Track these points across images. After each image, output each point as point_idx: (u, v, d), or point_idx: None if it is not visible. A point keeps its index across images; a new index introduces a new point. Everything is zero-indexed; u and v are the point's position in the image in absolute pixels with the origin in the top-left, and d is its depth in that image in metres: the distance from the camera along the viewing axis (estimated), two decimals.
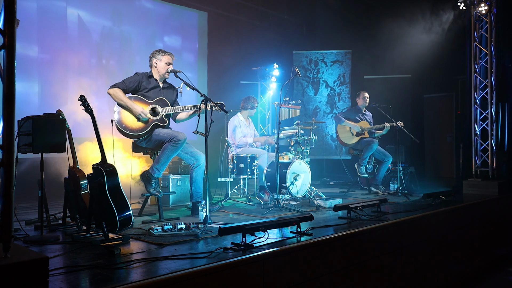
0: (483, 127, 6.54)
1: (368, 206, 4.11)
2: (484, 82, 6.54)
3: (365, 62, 8.81)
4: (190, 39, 8.01)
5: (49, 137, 3.08)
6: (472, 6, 6.57)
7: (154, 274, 2.11)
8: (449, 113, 9.47)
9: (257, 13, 8.73)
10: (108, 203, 2.89)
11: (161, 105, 4.03)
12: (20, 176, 4.90)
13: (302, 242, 2.85)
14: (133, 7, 7.15)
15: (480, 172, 6.52)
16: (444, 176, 9.38)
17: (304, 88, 8.77)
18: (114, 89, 3.91)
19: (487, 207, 5.52)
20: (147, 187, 3.97)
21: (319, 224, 3.49)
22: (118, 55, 6.91)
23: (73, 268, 2.21)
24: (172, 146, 3.88)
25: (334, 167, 8.96)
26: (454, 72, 8.91)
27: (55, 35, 6.22)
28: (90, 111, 3.19)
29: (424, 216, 4.16)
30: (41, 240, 2.88)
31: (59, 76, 6.21)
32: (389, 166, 6.30)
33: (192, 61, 8.04)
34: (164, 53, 4.11)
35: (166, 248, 2.68)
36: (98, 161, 3.12)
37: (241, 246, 2.63)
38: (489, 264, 5.44)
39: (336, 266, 3.06)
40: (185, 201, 4.88)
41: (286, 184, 4.87)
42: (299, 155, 5.39)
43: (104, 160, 3.08)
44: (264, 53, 8.23)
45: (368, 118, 6.49)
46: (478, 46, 6.59)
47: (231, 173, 5.13)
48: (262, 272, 2.50)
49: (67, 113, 3.62)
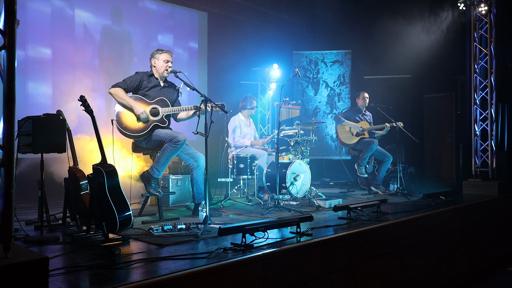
0: (483, 127, 6.54)
1: (368, 207, 4.11)
2: (484, 82, 6.54)
3: (365, 62, 8.81)
4: (190, 39, 8.02)
5: (49, 137, 3.08)
6: (472, 7, 6.57)
7: (154, 274, 2.11)
8: (449, 113, 9.47)
9: (257, 13, 8.74)
10: (108, 203, 2.89)
11: (161, 105, 4.03)
12: (20, 176, 4.90)
13: (302, 242, 2.86)
14: (133, 7, 7.15)
15: (480, 173, 6.51)
16: (444, 176, 9.38)
17: (304, 88, 8.77)
18: (115, 88, 3.91)
19: (487, 207, 5.52)
20: (147, 187, 3.97)
21: (319, 225, 3.49)
22: (117, 55, 6.91)
23: (73, 268, 2.22)
24: (172, 147, 3.88)
25: (334, 167, 8.96)
26: (454, 72, 8.92)
27: (56, 35, 6.23)
28: (90, 111, 3.19)
29: (424, 217, 4.16)
30: (41, 240, 2.88)
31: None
32: (389, 167, 6.30)
33: (192, 61, 8.04)
34: (161, 51, 4.13)
35: (166, 249, 2.68)
36: (98, 161, 3.12)
37: (241, 247, 2.64)
38: (488, 264, 5.44)
39: (336, 267, 3.06)
40: (185, 201, 4.89)
41: (286, 184, 4.87)
42: (299, 155, 5.39)
43: (104, 160, 3.08)
44: (264, 53, 8.23)
45: (368, 118, 6.49)
46: (478, 47, 6.59)
47: (231, 173, 5.13)
48: (262, 272, 2.50)
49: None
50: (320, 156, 8.63)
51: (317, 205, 4.62)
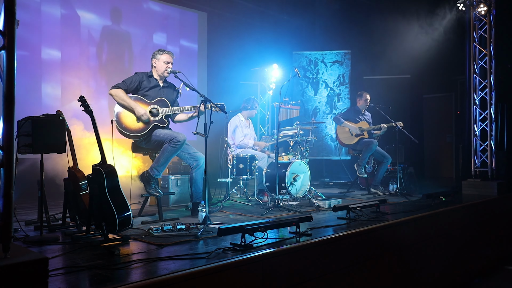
0: (482, 127, 6.55)
1: (368, 207, 4.11)
2: (484, 82, 6.55)
3: (365, 63, 8.81)
4: (190, 39, 8.02)
5: (49, 137, 3.08)
6: (471, 7, 6.58)
7: (153, 274, 2.12)
8: (448, 113, 9.48)
9: (257, 13, 8.73)
10: (108, 203, 2.89)
11: (161, 105, 4.03)
12: (20, 177, 4.89)
13: (302, 242, 2.86)
14: (133, 8, 7.15)
15: (479, 173, 6.52)
16: (444, 176, 9.39)
17: (303, 88, 8.77)
18: (116, 89, 3.92)
19: (487, 207, 5.52)
20: (147, 188, 3.98)
21: (319, 225, 3.50)
22: (117, 55, 6.91)
23: (72, 269, 2.22)
24: (172, 147, 3.88)
25: (334, 167, 8.96)
26: (453, 72, 8.92)
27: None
28: (89, 111, 3.19)
29: (423, 217, 4.16)
30: (41, 240, 2.88)
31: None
32: (388, 167, 6.31)
33: (191, 62, 8.04)
34: (162, 52, 4.14)
35: (165, 249, 2.68)
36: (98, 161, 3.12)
37: (241, 247, 2.64)
38: (488, 263, 5.44)
39: (335, 267, 3.06)
40: (185, 202, 4.89)
41: (285, 185, 4.87)
42: (299, 156, 5.39)
43: (103, 161, 3.08)
44: (263, 53, 8.22)
45: (367, 118, 6.49)
46: (478, 47, 6.60)
47: (231, 173, 5.13)
48: (262, 272, 2.50)
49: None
50: (320, 156, 8.64)
51: (316, 205, 4.62)
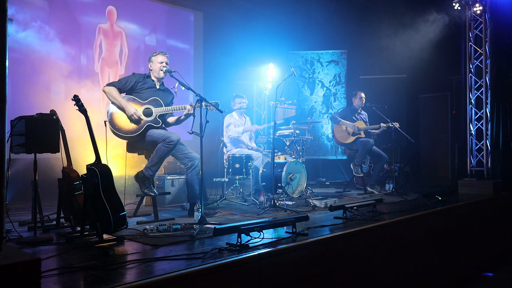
0: (478, 127, 6.56)
1: (364, 206, 4.12)
2: (479, 82, 6.56)
3: (361, 62, 8.82)
4: (186, 39, 7.99)
5: (43, 137, 3.06)
6: (467, 7, 6.59)
7: (148, 275, 2.10)
8: (444, 113, 9.50)
9: (252, 13, 8.71)
10: (102, 203, 2.87)
11: (154, 105, 4.01)
12: (13, 177, 4.85)
13: (298, 242, 2.84)
14: (129, 7, 7.12)
15: (475, 172, 6.53)
16: (440, 175, 9.41)
17: (299, 88, 8.77)
18: (109, 87, 3.92)
19: (482, 206, 5.54)
20: (142, 188, 3.95)
21: (315, 224, 3.49)
22: (112, 54, 6.87)
23: (66, 270, 2.20)
24: (165, 147, 3.86)
25: (330, 167, 8.97)
26: (449, 72, 8.94)
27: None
28: (83, 110, 3.16)
29: (419, 216, 4.16)
30: (35, 241, 2.86)
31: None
32: (384, 166, 6.31)
33: (187, 61, 8.01)
34: (156, 53, 4.16)
35: (161, 249, 2.66)
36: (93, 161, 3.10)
37: (236, 247, 2.62)
38: (484, 263, 5.45)
39: (331, 266, 3.05)
40: (181, 202, 4.86)
41: (281, 184, 4.86)
42: (295, 155, 5.38)
43: (98, 160, 3.06)
44: (259, 53, 8.21)
45: (364, 117, 6.50)
46: (473, 46, 6.62)
47: (227, 173, 5.11)
48: (258, 272, 2.48)
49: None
50: (316, 156, 8.63)
51: (313, 204, 4.61)
